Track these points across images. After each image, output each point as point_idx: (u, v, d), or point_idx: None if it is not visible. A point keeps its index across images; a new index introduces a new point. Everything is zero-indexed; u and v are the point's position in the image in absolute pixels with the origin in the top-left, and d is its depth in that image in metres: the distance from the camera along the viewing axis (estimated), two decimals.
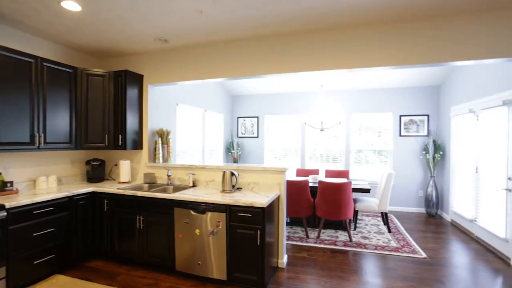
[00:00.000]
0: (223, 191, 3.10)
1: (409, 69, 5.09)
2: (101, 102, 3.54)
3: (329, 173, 5.39)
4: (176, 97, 4.72)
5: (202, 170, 3.56)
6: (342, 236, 4.21)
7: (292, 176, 6.05)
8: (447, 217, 5.16)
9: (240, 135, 6.89)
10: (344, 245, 3.85)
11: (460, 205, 4.67)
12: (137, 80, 3.81)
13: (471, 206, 4.28)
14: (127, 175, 3.74)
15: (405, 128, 5.72)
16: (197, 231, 2.81)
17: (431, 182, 5.40)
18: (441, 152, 5.31)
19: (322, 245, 3.85)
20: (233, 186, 3.13)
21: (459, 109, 4.68)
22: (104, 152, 4.13)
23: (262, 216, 2.60)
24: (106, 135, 3.57)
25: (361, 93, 5.98)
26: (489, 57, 2.66)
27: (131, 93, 3.69)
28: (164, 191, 3.41)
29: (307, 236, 4.17)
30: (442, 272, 3.14)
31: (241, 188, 3.31)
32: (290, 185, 4.10)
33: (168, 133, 4.01)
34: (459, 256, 3.57)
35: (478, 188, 4.10)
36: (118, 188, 3.26)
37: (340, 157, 6.14)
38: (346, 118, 6.03)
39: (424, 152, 5.51)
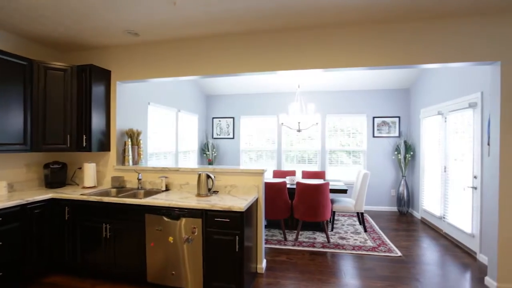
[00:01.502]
0: (199, 195, 2.93)
1: (382, 72, 5.23)
2: (62, 99, 3.22)
3: (306, 174, 5.38)
4: (148, 95, 4.45)
5: (175, 173, 3.36)
6: (320, 237, 4.19)
7: (269, 177, 5.98)
8: (417, 215, 5.36)
9: (215, 136, 6.70)
10: (323, 247, 3.82)
11: (429, 203, 4.86)
12: (104, 76, 3.51)
13: (440, 204, 4.46)
14: (93, 179, 3.43)
15: (377, 129, 5.88)
16: (171, 238, 2.62)
17: (402, 182, 5.58)
18: (411, 153, 5.51)
19: (300, 248, 3.79)
20: (209, 190, 2.97)
21: (428, 111, 4.88)
22: (66, 154, 3.77)
23: (240, 221, 2.47)
24: (68, 136, 3.24)
25: (336, 95, 6.06)
26: (460, 60, 2.76)
27: (97, 90, 3.39)
28: (134, 196, 3.16)
29: (286, 239, 4.10)
30: (416, 269, 3.20)
31: (218, 192, 3.16)
32: (268, 187, 4.01)
33: (138, 134, 3.75)
34: (430, 253, 3.68)
35: (446, 186, 4.28)
36: (81, 194, 2.96)
37: (316, 158, 6.17)
38: (322, 119, 6.08)
39: (396, 153, 5.69)
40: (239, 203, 2.57)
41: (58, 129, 3.19)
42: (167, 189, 3.33)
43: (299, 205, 4.02)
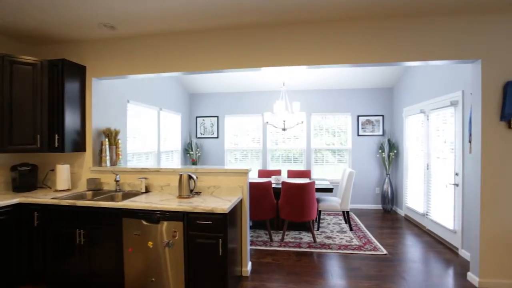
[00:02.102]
0: (180, 196, 2.80)
1: (366, 71, 5.26)
2: (31, 95, 2.99)
3: (291, 174, 5.33)
4: (127, 93, 4.25)
5: (156, 174, 3.20)
6: (306, 237, 4.14)
7: (254, 177, 5.89)
8: (401, 212, 5.42)
9: (199, 135, 6.54)
10: (309, 247, 3.77)
11: (413, 200, 4.92)
12: (78, 71, 3.31)
13: (423, 201, 4.52)
14: (66, 182, 3.22)
15: (362, 128, 5.91)
16: (150, 243, 2.47)
17: (386, 180, 5.64)
18: (395, 151, 5.58)
19: (286, 248, 3.72)
20: (191, 191, 2.84)
21: (411, 110, 4.95)
22: (38, 155, 3.53)
23: (224, 223, 2.36)
24: (38, 135, 3.02)
25: (321, 93, 6.05)
26: (441, 58, 2.77)
27: (71, 86, 3.18)
28: (112, 198, 2.99)
29: (271, 240, 4.02)
30: (402, 267, 3.20)
31: (200, 193, 3.03)
32: (253, 187, 3.91)
33: (117, 133, 3.56)
34: (415, 250, 3.70)
35: (429, 184, 4.34)
36: (52, 198, 2.76)
37: (301, 157, 6.14)
38: (307, 118, 6.05)
39: (380, 151, 5.74)
40: (222, 205, 2.46)
41: (26, 128, 2.96)
42: (147, 190, 3.17)
43: (285, 205, 3.95)
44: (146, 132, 4.82)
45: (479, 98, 2.77)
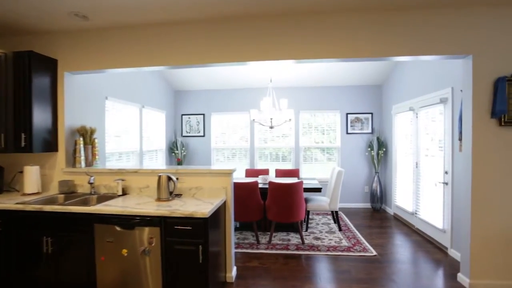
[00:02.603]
0: (159, 199, 2.61)
1: (355, 68, 5.16)
2: None
3: (279, 173, 5.20)
4: (105, 89, 4.01)
5: (134, 175, 3.00)
6: (294, 238, 4.01)
7: (241, 177, 5.73)
8: (390, 211, 5.37)
9: (185, 134, 6.33)
10: (297, 249, 3.64)
11: (402, 199, 4.87)
12: (48, 65, 3.06)
13: (412, 199, 4.46)
14: (36, 185, 2.98)
15: (351, 126, 5.83)
16: (125, 251, 2.28)
17: (375, 178, 5.57)
18: (384, 149, 5.52)
19: (274, 251, 3.59)
20: (171, 193, 2.66)
21: (400, 107, 4.88)
22: (4, 156, 3.26)
23: (204, 228, 2.20)
24: (2, 134, 2.77)
25: (310, 91, 5.93)
26: (431, 53, 2.67)
27: (41, 81, 2.94)
28: (85, 202, 2.77)
29: (258, 242, 3.87)
30: (391, 269, 3.11)
31: (181, 195, 2.85)
32: (239, 187, 3.76)
33: (92, 132, 3.33)
34: (404, 250, 3.63)
35: (418, 182, 4.28)
36: (17, 203, 2.52)
37: (290, 155, 6.02)
38: (295, 116, 5.93)
39: (369, 149, 5.68)
40: (203, 208, 2.29)
41: None
42: (124, 193, 2.96)
43: (272, 205, 3.81)
44: (127, 130, 4.58)
45: (469, 94, 2.68)
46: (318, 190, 3.99)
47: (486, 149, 2.64)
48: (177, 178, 2.87)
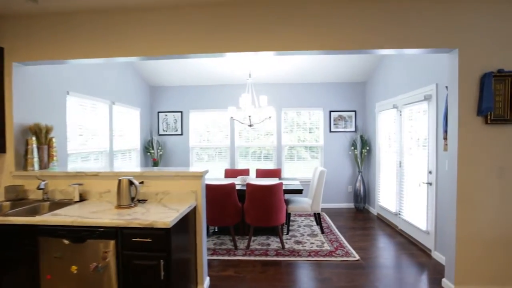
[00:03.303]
0: (119, 206, 2.32)
1: (338, 64, 4.99)
2: None
3: (260, 173, 4.97)
4: (67, 83, 3.63)
5: (94, 178, 2.68)
6: (274, 243, 3.80)
7: (221, 177, 5.48)
8: (374, 211, 5.26)
9: (161, 132, 5.98)
10: (277, 255, 3.43)
11: (385, 199, 4.75)
12: None
13: (395, 200, 4.34)
14: None
15: (334, 124, 5.67)
16: (74, 268, 1.98)
17: (359, 177, 5.45)
18: (367, 148, 5.39)
19: (252, 257, 3.35)
20: (133, 199, 2.37)
21: (384, 105, 4.75)
22: None
23: (166, 240, 1.93)
24: None
25: (292, 88, 5.72)
26: (416, 46, 2.51)
27: None
28: (35, 210, 2.44)
29: (236, 248, 3.63)
30: (375, 275, 2.95)
31: (146, 201, 2.56)
32: (214, 190, 3.50)
33: (48, 130, 2.97)
34: (387, 253, 3.49)
35: (401, 182, 4.16)
36: None
37: (272, 154, 5.80)
38: (278, 113, 5.71)
39: (352, 148, 5.54)
40: (166, 217, 2.02)
41: None
42: (82, 199, 2.64)
43: (250, 209, 3.57)
44: (95, 129, 4.22)
45: (455, 91, 2.54)
46: (299, 191, 3.79)
47: (472, 149, 2.50)
48: (141, 182, 2.58)
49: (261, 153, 5.86)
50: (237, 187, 3.86)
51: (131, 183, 2.35)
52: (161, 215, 2.08)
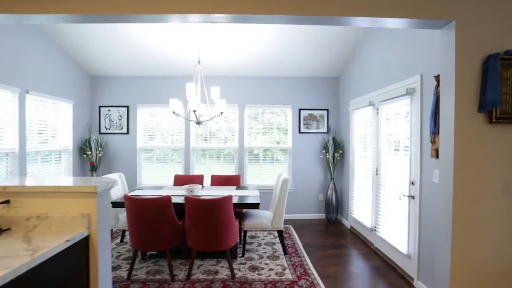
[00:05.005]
0: None
1: (308, 54, 4.32)
2: None
3: (216, 180, 4.19)
4: None
5: None
6: (224, 270, 3.02)
7: (169, 185, 4.67)
8: (347, 223, 4.64)
9: (103, 130, 5.03)
10: (224, 287, 2.66)
11: (359, 211, 4.14)
12: None
13: (370, 213, 3.72)
14: None
15: (304, 124, 5.01)
16: None
17: (331, 185, 4.82)
18: (340, 151, 4.77)
19: None
20: None
21: (359, 102, 4.14)
22: None
23: None
24: None
25: (256, 82, 5.00)
26: (406, 16, 1.85)
27: None
28: None
29: (173, 279, 2.82)
30: None
31: (9, 230, 1.69)
32: (141, 205, 2.67)
33: None
34: (361, 282, 2.83)
35: (378, 192, 3.54)
36: None
37: (234, 157, 5.03)
38: (240, 111, 4.96)
39: (324, 151, 4.90)
40: (8, 265, 1.18)
41: None
42: None
43: (191, 229, 2.78)
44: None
45: (451, 80, 1.90)
46: (254, 206, 3.04)
47: (472, 156, 1.88)
48: (6, 201, 1.71)
49: (220, 156, 5.08)
50: (179, 200, 3.05)
51: None
52: (9, 261, 1.24)
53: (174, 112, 3.15)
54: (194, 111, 3.04)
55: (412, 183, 2.83)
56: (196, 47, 3.99)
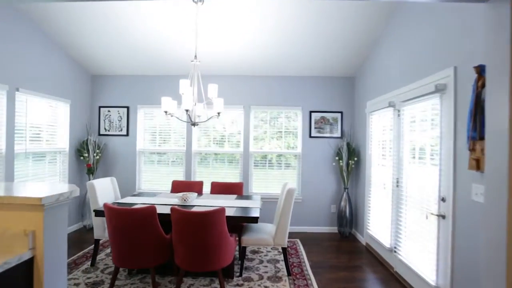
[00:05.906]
0: None
1: (321, 53, 3.90)
2: None
3: (216, 188, 3.82)
4: None
5: None
6: None
7: (167, 191, 4.36)
8: (362, 239, 4.13)
9: (102, 131, 4.79)
10: None
11: (377, 227, 3.63)
12: None
13: (390, 230, 3.22)
14: None
15: (316, 128, 4.56)
16: None
17: (344, 195, 4.33)
18: (355, 158, 4.29)
19: None
20: None
21: (377, 103, 3.66)
22: None
23: None
24: None
25: (264, 81, 4.62)
26: None
27: None
28: None
29: None
30: None
31: None
32: (122, 216, 2.33)
33: None
34: None
35: (399, 207, 3.05)
36: None
37: (239, 162, 4.65)
38: (246, 113, 4.59)
39: (337, 158, 4.43)
40: None
41: None
42: None
43: (178, 245, 2.41)
44: None
45: (504, 68, 1.44)
46: (252, 220, 2.63)
47: None
48: None
49: (224, 160, 4.71)
50: (167, 211, 2.69)
51: None
52: None
53: (166, 112, 2.81)
54: (187, 110, 2.69)
55: (443, 200, 2.33)
56: (194, 32, 3.66)
